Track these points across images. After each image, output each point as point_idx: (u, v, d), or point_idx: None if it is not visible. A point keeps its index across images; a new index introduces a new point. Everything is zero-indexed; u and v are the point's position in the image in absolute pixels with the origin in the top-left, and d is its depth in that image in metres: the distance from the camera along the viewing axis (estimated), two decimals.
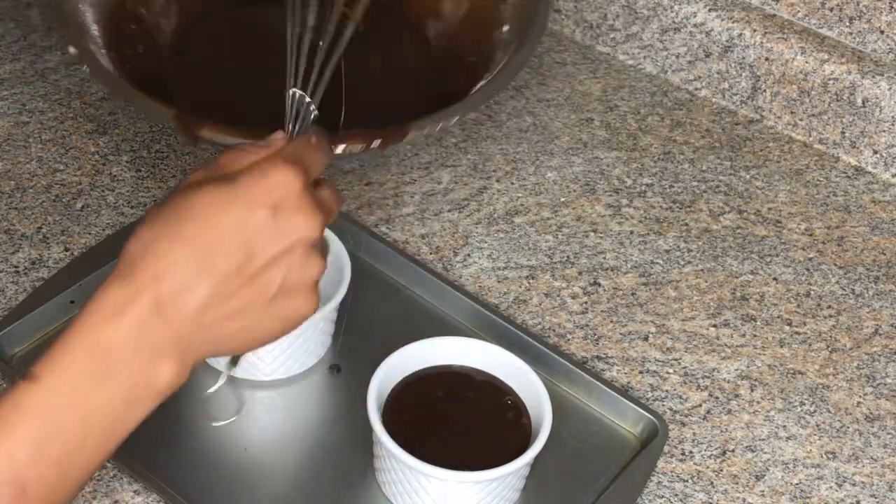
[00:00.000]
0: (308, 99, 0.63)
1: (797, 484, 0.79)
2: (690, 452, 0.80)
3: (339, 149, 0.68)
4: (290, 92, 0.63)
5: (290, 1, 0.66)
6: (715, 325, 0.89)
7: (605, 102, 1.09)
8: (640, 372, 0.85)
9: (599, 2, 1.13)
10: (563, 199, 0.98)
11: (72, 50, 0.73)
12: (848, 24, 1.04)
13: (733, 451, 0.80)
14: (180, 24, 0.83)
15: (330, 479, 0.76)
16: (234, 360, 0.68)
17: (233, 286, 0.56)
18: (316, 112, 0.64)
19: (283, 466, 0.77)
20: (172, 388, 0.57)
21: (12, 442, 0.53)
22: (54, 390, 0.54)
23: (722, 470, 0.79)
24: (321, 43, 0.65)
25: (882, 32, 1.02)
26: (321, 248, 0.60)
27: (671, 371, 0.85)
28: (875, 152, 1.03)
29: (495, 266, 0.92)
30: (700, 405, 0.83)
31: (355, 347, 0.84)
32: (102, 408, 0.54)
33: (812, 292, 0.92)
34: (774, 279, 0.93)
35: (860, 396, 0.85)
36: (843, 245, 0.97)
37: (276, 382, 0.82)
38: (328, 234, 0.79)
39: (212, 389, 0.68)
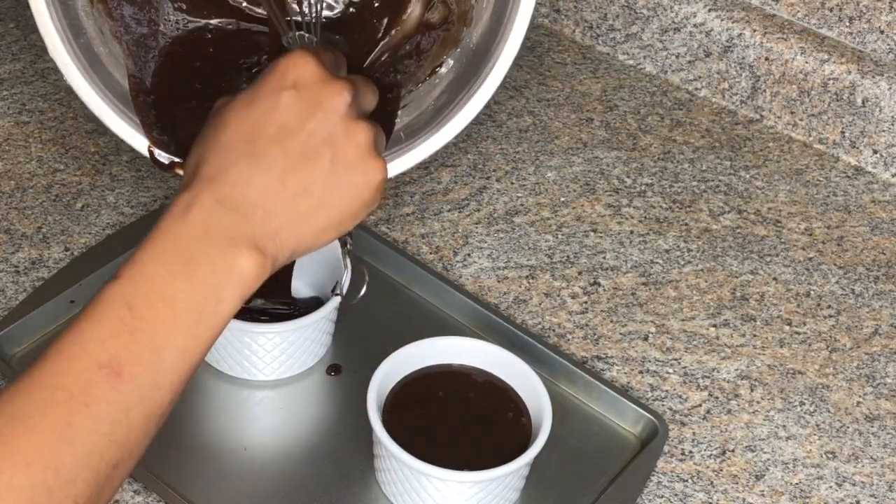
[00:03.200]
0: (310, 36, 0.66)
1: (797, 484, 0.79)
2: (690, 452, 0.80)
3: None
4: (293, 35, 0.65)
5: None
6: (715, 325, 0.89)
7: (605, 102, 1.09)
8: (640, 372, 0.85)
9: (599, 2, 1.13)
10: (563, 199, 0.98)
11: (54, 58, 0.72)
12: (848, 24, 1.04)
13: (733, 450, 0.80)
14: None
15: (330, 479, 0.76)
16: (343, 243, 0.67)
17: (285, 165, 0.58)
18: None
19: (283, 466, 0.77)
20: (258, 278, 0.57)
21: (102, 329, 0.54)
22: (135, 281, 0.55)
23: (722, 470, 0.79)
24: None
25: (882, 32, 1.02)
26: (363, 114, 0.61)
27: (671, 371, 0.85)
28: (875, 152, 1.03)
29: (495, 266, 0.92)
30: (700, 405, 0.83)
31: (355, 347, 0.84)
32: (186, 293, 0.55)
33: (812, 292, 0.92)
34: (774, 279, 0.93)
35: (860, 396, 0.85)
36: (843, 245, 0.97)
37: (276, 382, 0.82)
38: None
39: (361, 293, 0.70)
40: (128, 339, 0.54)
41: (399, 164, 0.72)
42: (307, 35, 0.66)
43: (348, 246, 0.67)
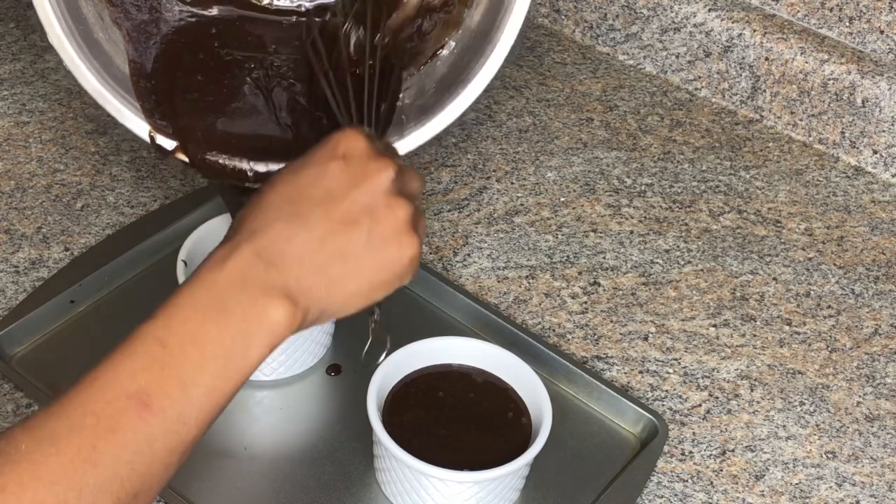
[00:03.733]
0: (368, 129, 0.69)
1: (797, 484, 0.79)
2: (690, 452, 0.80)
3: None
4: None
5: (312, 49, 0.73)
6: (715, 325, 0.89)
7: (605, 102, 1.09)
8: (640, 372, 0.85)
9: (599, 2, 1.13)
10: (562, 199, 0.98)
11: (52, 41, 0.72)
12: (848, 24, 1.04)
13: (733, 451, 0.80)
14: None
15: (330, 479, 0.76)
16: (371, 311, 0.70)
17: (325, 228, 0.60)
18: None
19: (283, 467, 0.77)
20: (288, 329, 0.59)
21: (134, 362, 0.55)
22: (169, 321, 0.57)
23: (722, 470, 0.79)
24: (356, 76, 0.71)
25: (882, 32, 1.02)
26: (408, 193, 0.63)
27: (671, 371, 0.85)
28: (875, 152, 1.03)
29: (495, 266, 0.92)
30: (700, 405, 0.83)
31: (355, 347, 0.84)
32: (217, 337, 0.57)
33: (812, 292, 0.92)
34: (774, 279, 0.93)
35: (860, 396, 0.85)
36: (843, 245, 0.97)
37: (276, 382, 0.82)
38: None
39: (381, 360, 0.73)
40: (158, 373, 0.55)
41: (401, 147, 0.73)
42: (368, 129, 0.69)
43: (375, 315, 0.69)
